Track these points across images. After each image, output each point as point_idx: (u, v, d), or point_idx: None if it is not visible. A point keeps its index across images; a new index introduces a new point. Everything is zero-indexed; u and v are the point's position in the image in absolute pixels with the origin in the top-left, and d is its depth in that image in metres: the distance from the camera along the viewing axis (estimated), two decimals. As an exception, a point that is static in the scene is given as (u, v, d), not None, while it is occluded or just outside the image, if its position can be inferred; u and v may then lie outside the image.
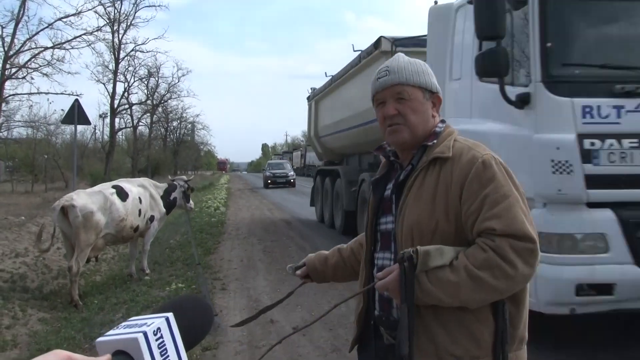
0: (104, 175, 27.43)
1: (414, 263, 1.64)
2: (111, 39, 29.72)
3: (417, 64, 1.89)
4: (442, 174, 1.75)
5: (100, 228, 7.20)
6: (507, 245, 1.61)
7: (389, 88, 1.85)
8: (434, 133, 1.86)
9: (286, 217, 16.68)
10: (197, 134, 58.38)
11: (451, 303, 1.66)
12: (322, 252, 2.33)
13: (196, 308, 1.02)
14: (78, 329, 5.89)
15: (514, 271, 1.61)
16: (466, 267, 1.63)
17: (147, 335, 0.85)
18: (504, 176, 1.71)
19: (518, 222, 1.64)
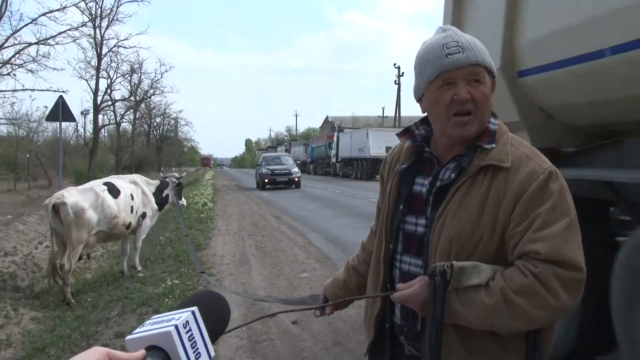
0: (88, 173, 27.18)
1: (447, 279, 1.47)
2: (93, 35, 29.38)
3: (479, 42, 1.62)
4: (494, 184, 1.54)
5: (92, 225, 7.10)
6: (551, 272, 1.43)
7: (464, 67, 1.55)
8: (488, 131, 1.61)
9: (275, 211, 16.62)
10: (181, 130, 58.21)
11: (479, 327, 1.51)
12: (338, 277, 2.11)
13: (214, 302, 1.05)
14: (73, 327, 5.81)
15: (557, 302, 1.44)
16: (503, 290, 1.45)
17: (179, 328, 0.88)
18: (562, 195, 1.51)
19: (568, 248, 1.46)
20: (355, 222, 13.52)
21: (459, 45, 1.56)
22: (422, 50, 1.64)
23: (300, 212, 16.30)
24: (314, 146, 54.36)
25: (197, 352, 0.90)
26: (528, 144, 1.64)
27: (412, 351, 1.72)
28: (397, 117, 52.58)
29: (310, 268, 8.24)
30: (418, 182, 1.72)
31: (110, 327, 5.65)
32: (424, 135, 1.75)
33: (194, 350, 0.89)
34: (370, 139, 35.63)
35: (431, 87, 1.61)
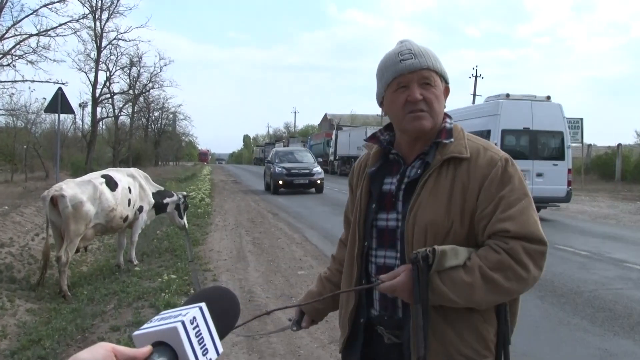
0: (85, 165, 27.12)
1: (429, 263, 1.60)
2: (93, 27, 29.28)
3: (432, 50, 1.81)
4: (458, 174, 1.71)
5: (90, 218, 7.08)
6: (520, 247, 1.61)
7: (416, 72, 1.74)
8: (445, 129, 1.80)
9: (272, 208, 16.60)
10: (179, 125, 58.03)
11: (462, 304, 1.64)
12: (312, 290, 2.17)
13: (224, 298, 1.04)
14: (69, 320, 5.78)
15: (527, 273, 1.61)
16: (480, 268, 1.61)
17: (185, 324, 0.86)
18: (519, 178, 1.71)
19: (531, 224, 1.64)
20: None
21: (412, 52, 1.76)
22: (382, 60, 1.85)
23: (298, 209, 16.28)
24: (312, 143, 54.27)
25: (205, 348, 0.89)
26: (485, 140, 1.84)
27: (392, 339, 1.81)
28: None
29: (307, 265, 8.23)
30: (387, 182, 1.86)
31: (106, 321, 5.63)
32: (388, 140, 1.92)
33: (201, 347, 0.88)
34: (368, 137, 35.59)
35: (389, 90, 1.80)
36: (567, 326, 5.54)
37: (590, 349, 4.94)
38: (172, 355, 0.86)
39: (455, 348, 1.68)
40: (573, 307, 6.16)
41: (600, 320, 5.69)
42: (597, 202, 19.00)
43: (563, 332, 5.38)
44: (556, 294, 6.69)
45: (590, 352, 4.87)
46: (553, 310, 6.04)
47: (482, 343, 1.70)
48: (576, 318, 5.76)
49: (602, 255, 9.30)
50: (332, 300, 2.07)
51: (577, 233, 11.83)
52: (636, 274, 7.84)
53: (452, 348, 1.68)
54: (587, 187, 26.41)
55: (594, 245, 10.35)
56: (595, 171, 32.28)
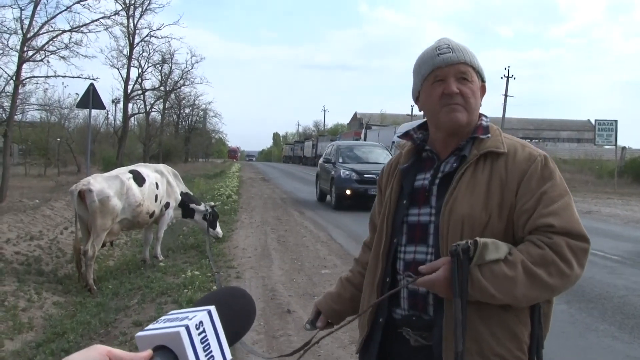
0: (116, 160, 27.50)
1: (470, 256, 1.55)
2: (126, 24, 29.66)
3: (470, 48, 1.81)
4: (495, 169, 1.69)
5: (117, 213, 7.16)
6: (564, 243, 1.58)
7: (453, 65, 1.74)
8: (481, 126, 1.79)
9: (299, 206, 16.61)
10: (209, 122, 58.52)
11: (502, 300, 1.59)
12: (331, 291, 2.13)
13: (238, 301, 0.97)
14: (93, 314, 5.86)
15: (570, 270, 1.58)
16: (523, 262, 1.57)
17: (190, 329, 0.81)
18: (559, 175, 1.70)
19: (575, 220, 1.62)
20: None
21: (450, 47, 1.77)
22: (419, 56, 1.85)
23: (324, 207, 16.26)
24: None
25: (210, 355, 0.83)
26: (521, 139, 1.83)
27: (419, 341, 1.74)
28: (426, 115, 52.17)
29: (331, 264, 8.20)
30: (419, 178, 1.85)
31: (129, 316, 5.68)
32: (422, 138, 1.91)
33: (206, 354, 0.82)
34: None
35: (425, 84, 1.80)
36: (594, 332, 5.41)
37: (619, 356, 4.81)
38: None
39: (489, 346, 1.64)
40: (601, 313, 6.01)
41: (629, 327, 5.54)
42: (630, 206, 18.56)
43: (590, 338, 5.25)
44: (584, 299, 6.53)
45: (618, 359, 4.74)
46: (580, 316, 5.90)
47: (516, 343, 1.66)
48: (604, 324, 5.62)
49: (633, 260, 9.06)
50: (350, 302, 2.06)
51: (609, 237, 11.55)
52: (669, 281, 7.62)
53: (486, 346, 1.63)
54: (620, 191, 25.83)
55: (626, 249, 10.10)
56: (630, 174, 31.58)
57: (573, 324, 5.63)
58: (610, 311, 6.08)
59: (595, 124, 28.99)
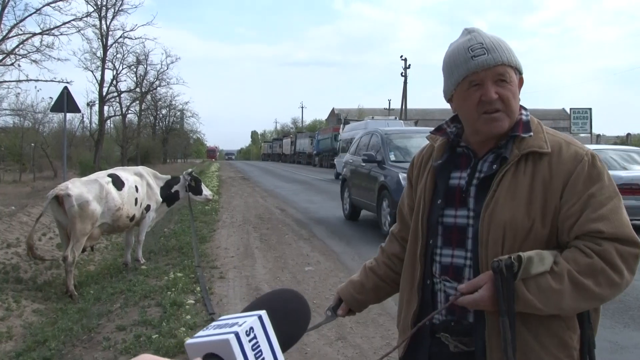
0: (94, 164, 27.20)
1: (514, 271, 1.48)
2: (99, 25, 29.33)
3: (504, 40, 1.67)
4: (538, 170, 1.58)
5: (97, 217, 7.06)
6: (613, 250, 1.49)
7: (490, 69, 1.59)
8: (522, 122, 1.66)
9: (280, 204, 16.57)
10: (186, 122, 58.14)
11: (549, 312, 1.53)
12: (354, 279, 2.05)
13: (290, 304, 0.95)
14: (75, 320, 5.78)
15: (620, 279, 1.50)
16: (569, 272, 1.49)
17: (239, 336, 0.78)
18: (608, 175, 1.58)
19: (625, 225, 1.52)
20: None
21: (484, 46, 1.61)
22: (449, 53, 1.69)
23: (305, 204, 16.23)
24: (319, 138, 54.17)
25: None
26: (565, 134, 1.71)
27: (459, 347, 1.68)
28: (404, 109, 52.38)
29: (314, 261, 8.18)
30: (454, 177, 1.74)
31: (112, 320, 5.61)
32: (455, 132, 1.79)
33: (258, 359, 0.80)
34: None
35: (459, 89, 1.66)
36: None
37: (601, 341, 4.82)
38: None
39: (537, 357, 1.57)
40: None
41: (610, 312, 5.60)
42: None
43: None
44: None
45: (601, 344, 4.75)
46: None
47: (565, 350, 1.59)
48: (587, 311, 5.69)
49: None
50: (373, 292, 2.00)
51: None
52: (648, 265, 7.73)
53: (534, 357, 1.57)
54: (597, 178, 26.17)
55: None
56: (605, 161, 32.03)
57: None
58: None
59: (571, 112, 29.40)
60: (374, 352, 4.66)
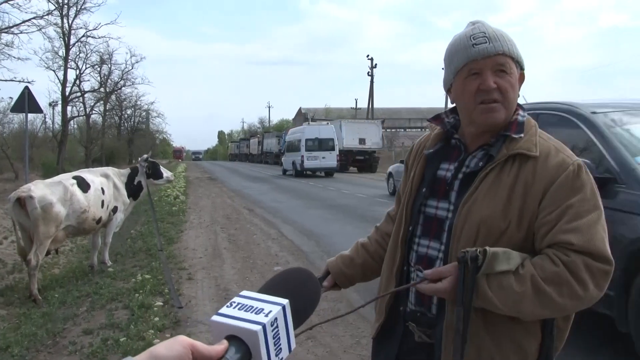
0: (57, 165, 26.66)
1: (478, 265, 1.48)
2: (61, 24, 28.74)
3: (507, 33, 1.65)
4: (522, 173, 1.57)
5: (61, 220, 6.92)
6: (581, 262, 1.47)
7: (490, 57, 1.58)
8: (516, 122, 1.64)
9: (247, 204, 16.51)
10: (152, 122, 57.50)
11: (508, 313, 1.52)
12: (344, 254, 2.06)
13: (306, 286, 0.99)
14: (39, 325, 5.65)
15: (584, 292, 1.47)
16: (533, 277, 1.47)
17: (266, 328, 0.83)
18: (592, 188, 1.55)
19: (598, 240, 1.49)
20: (327, 214, 13.50)
21: (486, 35, 1.60)
22: (451, 42, 1.69)
23: (273, 204, 16.21)
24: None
25: (279, 348, 0.86)
26: (558, 141, 1.67)
27: (422, 338, 1.71)
28: (370, 108, 52.67)
29: (283, 261, 8.18)
30: (443, 167, 1.75)
31: (78, 324, 5.51)
32: (452, 124, 1.78)
33: (276, 347, 0.85)
34: (343, 130, 35.62)
35: (459, 76, 1.65)
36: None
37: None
38: (246, 352, 0.83)
39: (489, 355, 1.56)
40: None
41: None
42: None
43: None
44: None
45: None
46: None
47: (521, 356, 1.58)
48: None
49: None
50: (361, 268, 2.01)
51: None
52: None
53: (485, 355, 1.57)
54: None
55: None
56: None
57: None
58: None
59: (534, 111, 29.89)
60: (344, 350, 4.69)
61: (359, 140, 35.89)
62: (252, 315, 0.84)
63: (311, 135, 31.63)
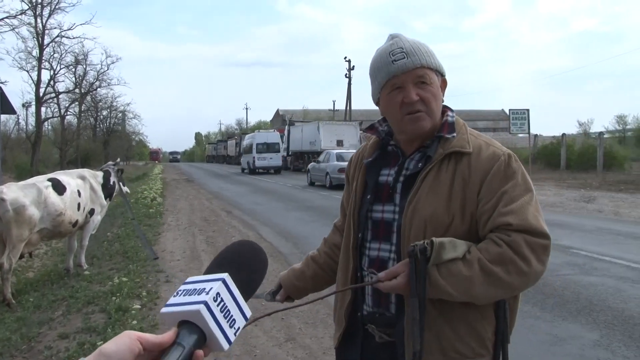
0: (31, 167, 26.27)
1: (427, 256, 1.56)
2: (34, 24, 28.34)
3: (425, 44, 1.76)
4: (459, 169, 1.68)
5: (35, 223, 6.82)
6: (522, 240, 1.56)
7: (410, 71, 1.68)
8: (447, 123, 1.76)
9: (225, 205, 16.44)
10: (128, 124, 57.04)
11: (460, 298, 1.59)
12: (295, 267, 2.15)
13: (249, 257, 1.00)
14: (14, 329, 5.56)
15: (528, 267, 1.56)
16: (480, 260, 1.56)
17: (209, 304, 0.85)
18: (522, 174, 1.68)
19: (533, 218, 1.60)
20: (306, 216, 13.50)
21: (404, 51, 1.70)
22: (373, 59, 1.79)
23: (251, 206, 16.16)
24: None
25: (232, 319, 0.88)
26: (487, 136, 1.80)
27: (383, 337, 1.78)
28: (348, 110, 52.78)
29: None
30: (384, 173, 1.83)
31: (53, 328, 5.44)
32: (387, 131, 1.88)
33: (227, 320, 0.87)
34: (321, 132, 35.68)
35: (384, 91, 1.75)
36: (518, 314, 5.62)
37: (541, 335, 5.05)
38: (199, 333, 0.85)
39: (450, 344, 1.64)
40: (524, 295, 6.20)
41: (550, 307, 5.83)
42: (544, 191, 19.53)
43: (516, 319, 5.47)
44: (507, 283, 6.81)
45: (541, 338, 4.98)
46: (505, 299, 6.14)
47: (479, 341, 1.67)
48: (527, 305, 5.87)
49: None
50: (312, 280, 2.08)
51: (526, 221, 12.08)
52: (582, 260, 8.08)
53: (447, 344, 1.64)
54: (534, 177, 27.06)
55: (543, 233, 10.58)
56: (542, 160, 33.24)
57: (499, 306, 5.85)
58: (532, 292, 6.36)
59: (510, 113, 30.21)
60: (323, 352, 4.69)
61: (337, 142, 35.96)
62: (194, 297, 0.87)
63: (261, 140, 38.66)
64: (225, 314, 0.87)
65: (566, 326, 5.25)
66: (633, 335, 4.98)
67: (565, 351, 4.68)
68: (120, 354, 0.79)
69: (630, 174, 27.18)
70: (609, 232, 10.77)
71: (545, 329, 5.19)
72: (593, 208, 14.89)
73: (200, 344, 0.85)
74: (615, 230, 10.99)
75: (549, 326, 5.25)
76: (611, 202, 15.86)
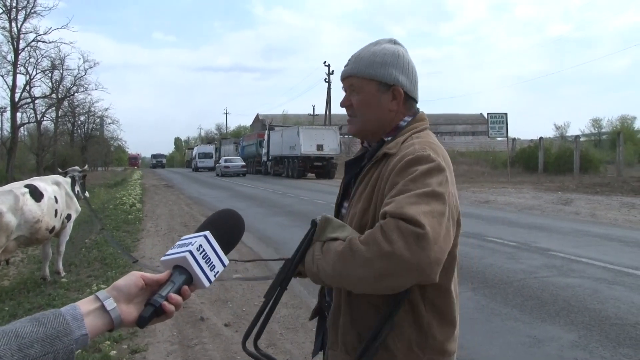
0: (6, 173, 25.89)
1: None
2: (9, 28, 27.98)
3: (382, 55, 1.81)
4: (383, 169, 1.74)
5: (11, 230, 6.71)
6: (394, 224, 1.50)
7: (345, 79, 1.87)
8: (396, 127, 1.85)
9: (205, 211, 16.33)
10: (107, 129, 56.50)
11: (331, 275, 1.60)
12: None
13: (229, 220, 1.32)
14: (-10, 339, 5.46)
15: (390, 247, 1.48)
16: (351, 240, 1.57)
17: (193, 252, 1.16)
18: (425, 175, 1.61)
19: (412, 208, 1.52)
20: (286, 221, 13.48)
21: (350, 59, 1.86)
22: None
23: (232, 211, 16.07)
24: (244, 144, 53.95)
25: (212, 265, 1.19)
26: (430, 140, 1.77)
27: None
28: (328, 115, 52.88)
29: (242, 268, 8.12)
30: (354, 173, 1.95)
31: (31, 337, 5.34)
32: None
33: (208, 265, 1.18)
34: (301, 137, 35.69)
35: None
36: (499, 316, 5.70)
37: (521, 337, 5.10)
38: (187, 274, 1.16)
39: (342, 333, 1.76)
40: (504, 298, 6.35)
41: (529, 309, 5.89)
42: (522, 194, 19.74)
43: (495, 322, 5.53)
44: (488, 285, 6.88)
45: (521, 340, 5.02)
46: (485, 302, 6.20)
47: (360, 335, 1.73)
48: (507, 308, 5.93)
49: (529, 245, 9.64)
50: None
51: (506, 224, 12.23)
52: (560, 262, 8.18)
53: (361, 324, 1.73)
54: (513, 180, 27.39)
55: (521, 235, 10.73)
56: (520, 164, 33.60)
57: (480, 309, 5.91)
58: (512, 295, 6.43)
59: (488, 117, 30.55)
60: (304, 357, 4.69)
61: (317, 147, 36.02)
62: (183, 248, 1.18)
63: (201, 151, 59.51)
64: (206, 261, 1.18)
65: (545, 328, 5.31)
66: (609, 335, 5.05)
67: (544, 352, 4.73)
68: (128, 287, 1.11)
69: (605, 176, 27.62)
70: (586, 234, 10.92)
71: (525, 330, 5.24)
72: (570, 210, 15.08)
73: (188, 282, 1.16)
74: (592, 232, 11.16)
75: (528, 328, 5.30)
76: (588, 205, 16.09)
